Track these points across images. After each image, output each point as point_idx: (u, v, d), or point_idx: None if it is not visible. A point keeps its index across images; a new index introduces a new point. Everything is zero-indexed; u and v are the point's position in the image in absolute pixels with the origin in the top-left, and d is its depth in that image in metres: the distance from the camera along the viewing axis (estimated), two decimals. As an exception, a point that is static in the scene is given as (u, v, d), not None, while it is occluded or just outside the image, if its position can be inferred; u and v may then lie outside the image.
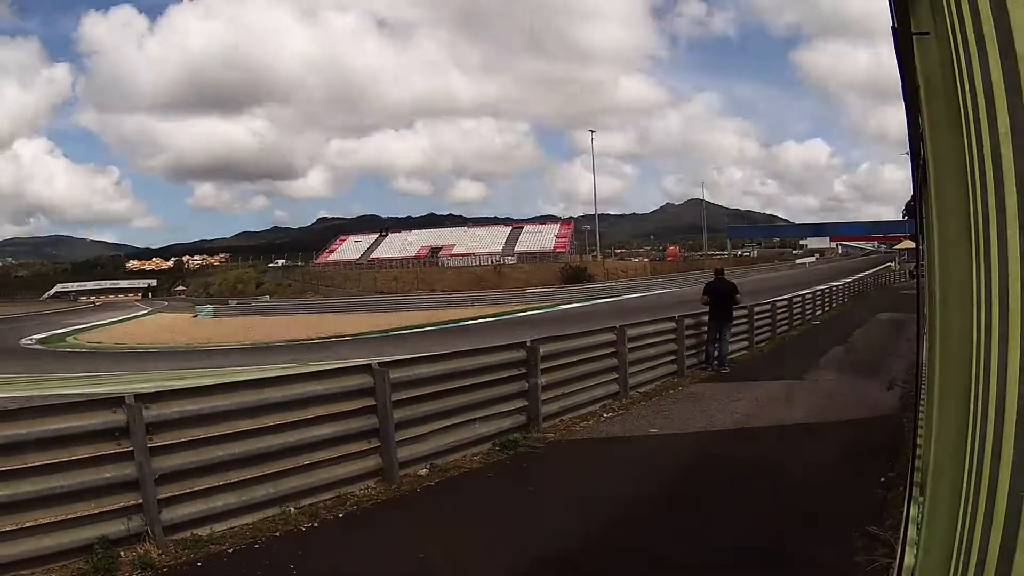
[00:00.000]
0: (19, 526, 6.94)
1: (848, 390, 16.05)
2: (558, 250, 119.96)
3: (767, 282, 66.21)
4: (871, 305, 43.38)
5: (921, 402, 7.64)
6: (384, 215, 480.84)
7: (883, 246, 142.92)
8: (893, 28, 3.95)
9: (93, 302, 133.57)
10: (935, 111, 3.25)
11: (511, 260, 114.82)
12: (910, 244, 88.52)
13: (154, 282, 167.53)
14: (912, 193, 9.36)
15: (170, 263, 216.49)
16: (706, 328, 19.62)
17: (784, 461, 11.02)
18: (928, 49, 3.32)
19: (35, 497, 6.99)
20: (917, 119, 4.67)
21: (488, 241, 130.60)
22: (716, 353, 19.26)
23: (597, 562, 7.55)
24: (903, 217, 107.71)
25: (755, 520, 8.51)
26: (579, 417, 13.60)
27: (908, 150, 6.98)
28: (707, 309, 19.47)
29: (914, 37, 3.45)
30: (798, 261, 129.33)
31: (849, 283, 55.69)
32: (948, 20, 2.57)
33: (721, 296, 19.44)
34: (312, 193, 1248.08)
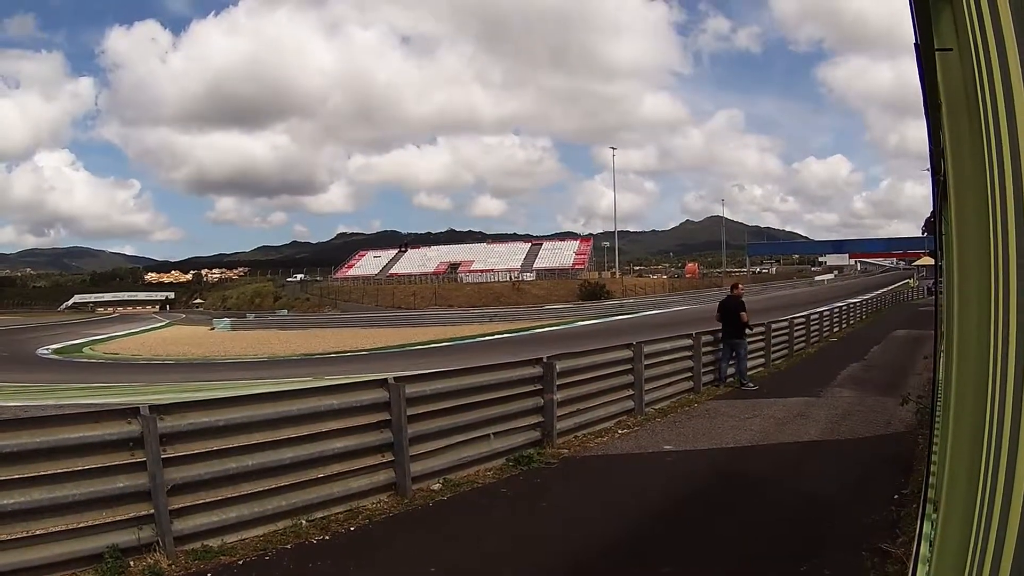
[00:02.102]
0: (30, 533, 6.95)
1: (864, 407, 15.97)
2: (577, 266, 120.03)
3: (785, 299, 66.15)
4: (889, 322, 43.29)
5: (937, 419, 7.60)
6: (404, 231, 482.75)
7: (902, 263, 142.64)
8: (916, 44, 3.93)
9: (119, 312, 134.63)
10: (956, 128, 3.23)
11: (530, 276, 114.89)
12: (929, 261, 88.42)
13: (172, 295, 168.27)
14: (932, 209, 9.34)
15: (189, 276, 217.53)
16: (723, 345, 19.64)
17: (798, 478, 11.00)
18: (950, 66, 3.29)
19: (48, 505, 7.00)
20: (938, 135, 4.64)
21: (507, 257, 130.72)
22: (731, 371, 19.18)
23: (610, 579, 7.53)
24: (923, 234, 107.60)
25: (767, 537, 8.48)
26: (594, 433, 13.54)
27: (929, 166, 6.96)
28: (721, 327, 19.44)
29: (936, 53, 3.42)
30: (816, 278, 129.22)
31: (867, 300, 55.49)
32: (971, 37, 2.54)
33: (728, 313, 19.40)
34: (332, 208, 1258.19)
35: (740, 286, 20.83)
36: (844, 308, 41.65)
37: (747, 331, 19.59)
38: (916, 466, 10.23)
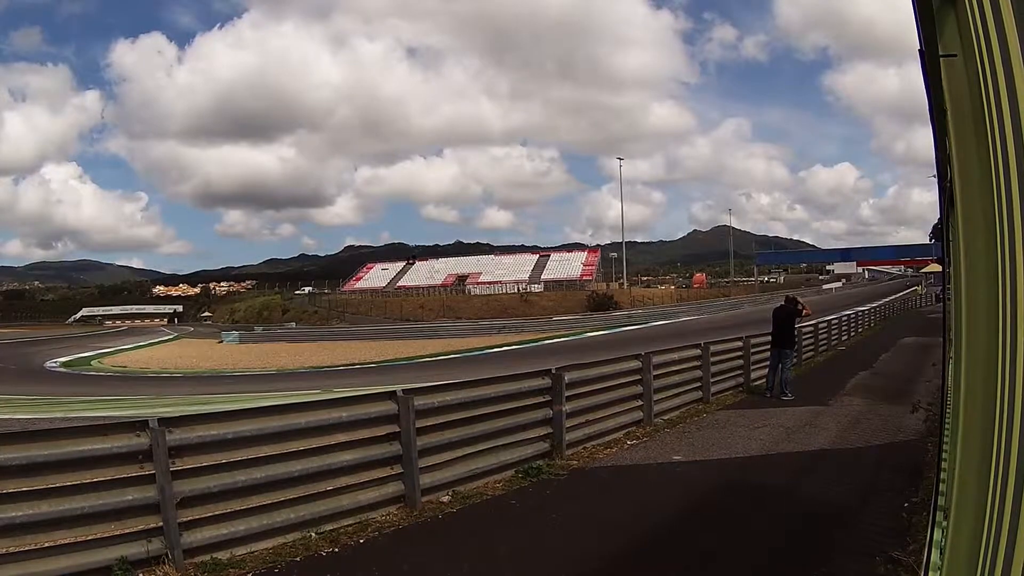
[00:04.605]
0: (39, 545, 6.96)
1: (874, 415, 15.97)
2: (585, 277, 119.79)
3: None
4: (897, 330, 43.19)
5: (946, 426, 7.59)
6: (412, 243, 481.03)
7: (910, 270, 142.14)
8: (920, 51, 3.93)
9: (128, 325, 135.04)
10: (962, 133, 3.22)
11: (538, 288, 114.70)
12: (937, 267, 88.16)
13: (180, 308, 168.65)
14: (939, 216, 9.34)
15: (197, 289, 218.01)
16: (736, 355, 19.87)
17: (808, 487, 11.00)
18: (955, 71, 3.29)
19: (57, 517, 7.02)
20: (944, 141, 4.64)
21: (515, 269, 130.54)
22: (775, 380, 19.18)
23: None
24: (930, 240, 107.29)
25: (778, 545, 8.48)
26: (603, 444, 13.53)
27: (935, 172, 6.95)
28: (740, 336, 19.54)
29: (941, 59, 3.42)
30: (824, 287, 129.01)
31: (875, 308, 55.36)
32: (975, 42, 2.54)
33: (780, 321, 19.45)
34: (340, 221, 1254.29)
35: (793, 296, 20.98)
36: (852, 316, 41.58)
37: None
38: (926, 473, 10.23)
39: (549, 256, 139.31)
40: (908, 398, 16.52)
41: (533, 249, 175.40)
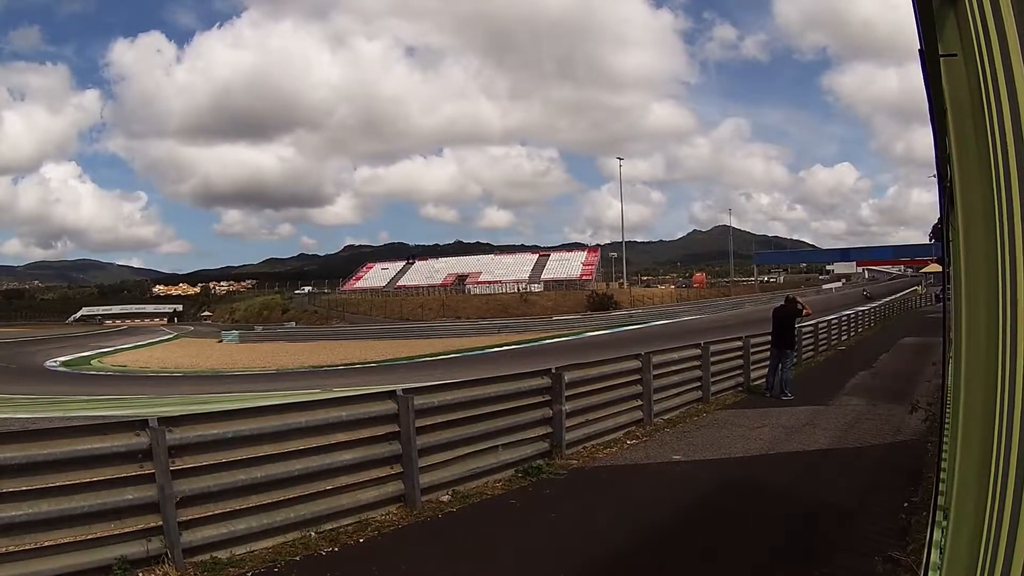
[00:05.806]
0: (38, 545, 6.96)
1: (873, 415, 15.96)
2: (584, 277, 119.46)
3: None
4: (896, 330, 43.18)
5: (946, 426, 7.59)
6: (411, 243, 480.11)
7: (910, 270, 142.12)
8: (920, 51, 3.93)
9: (128, 324, 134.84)
10: (962, 133, 3.22)
11: (537, 287, 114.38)
12: (937, 267, 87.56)
13: (180, 307, 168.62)
14: (939, 216, 9.33)
15: (196, 289, 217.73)
16: (736, 355, 19.86)
17: (808, 487, 11.00)
18: (955, 71, 3.29)
19: (56, 517, 7.02)
20: (944, 141, 4.63)
21: (515, 269, 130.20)
22: (775, 380, 19.14)
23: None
24: (930, 240, 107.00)
25: (778, 545, 8.48)
26: (603, 444, 13.52)
27: (935, 172, 6.95)
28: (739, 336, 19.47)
29: (941, 59, 3.42)
30: (824, 287, 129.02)
31: (874, 308, 55.32)
32: (975, 42, 2.54)
33: (781, 322, 19.46)
34: (339, 220, 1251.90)
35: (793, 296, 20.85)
36: (852, 316, 41.57)
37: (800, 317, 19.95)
38: (926, 473, 10.22)
39: (549, 256, 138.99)
40: (908, 398, 16.51)
41: (533, 249, 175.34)
